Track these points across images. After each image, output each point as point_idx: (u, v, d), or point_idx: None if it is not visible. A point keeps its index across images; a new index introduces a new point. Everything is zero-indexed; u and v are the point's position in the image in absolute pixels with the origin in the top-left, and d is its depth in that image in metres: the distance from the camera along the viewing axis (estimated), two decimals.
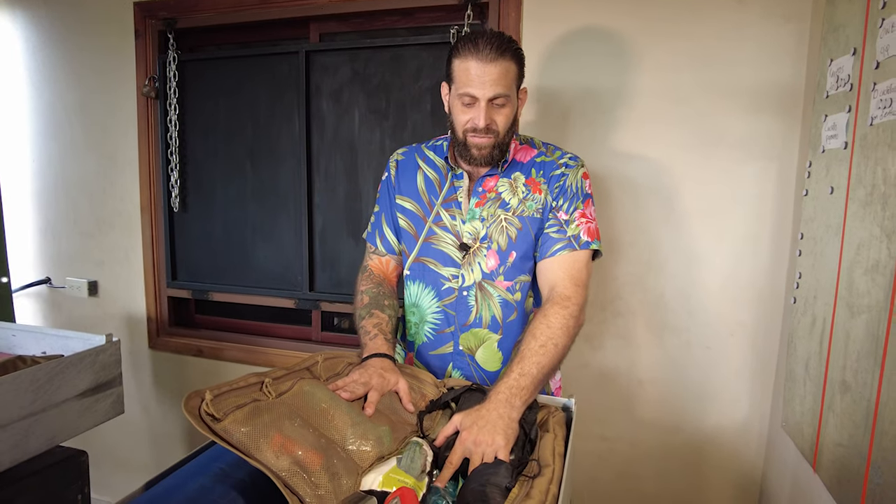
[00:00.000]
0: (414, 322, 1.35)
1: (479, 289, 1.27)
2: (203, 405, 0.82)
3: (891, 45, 1.02)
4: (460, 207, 1.29)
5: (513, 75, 1.18)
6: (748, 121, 1.57)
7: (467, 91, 1.16)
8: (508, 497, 0.79)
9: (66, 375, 1.46)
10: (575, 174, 1.27)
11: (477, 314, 1.27)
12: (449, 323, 1.30)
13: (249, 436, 0.79)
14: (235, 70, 2.09)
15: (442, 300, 1.30)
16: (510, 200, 1.27)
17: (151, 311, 2.32)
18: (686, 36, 1.59)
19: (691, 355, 1.69)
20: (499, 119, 1.19)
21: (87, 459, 1.57)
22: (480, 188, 1.28)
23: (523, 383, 1.04)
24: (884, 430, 0.96)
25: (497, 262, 1.26)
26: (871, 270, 1.04)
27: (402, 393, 1.09)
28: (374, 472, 0.85)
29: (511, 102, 1.20)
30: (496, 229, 1.26)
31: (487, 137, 1.19)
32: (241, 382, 0.94)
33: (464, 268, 1.27)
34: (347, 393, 1.01)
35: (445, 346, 1.30)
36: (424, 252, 1.32)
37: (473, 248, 1.27)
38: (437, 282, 1.30)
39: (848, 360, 1.12)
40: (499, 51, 1.13)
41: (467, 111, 1.19)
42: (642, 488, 1.78)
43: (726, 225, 1.62)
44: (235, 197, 2.16)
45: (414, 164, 1.37)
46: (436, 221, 1.31)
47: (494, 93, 1.15)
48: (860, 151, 1.13)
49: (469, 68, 1.15)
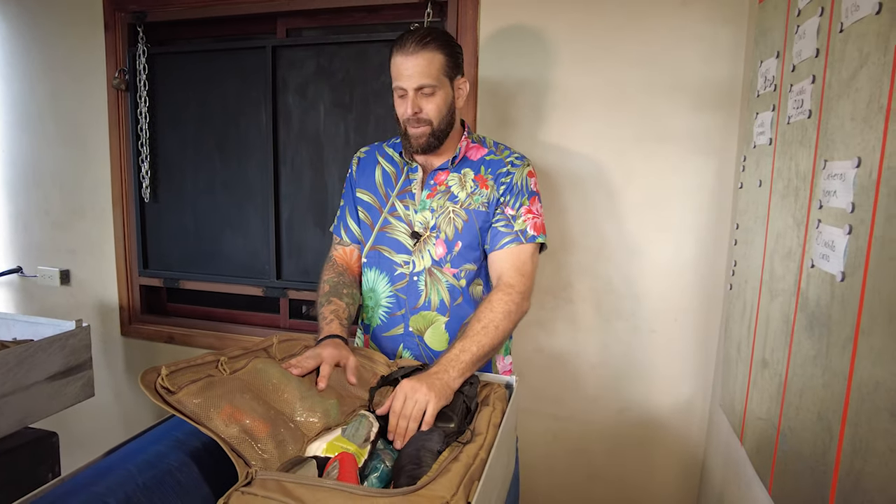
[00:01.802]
0: (370, 306, 1.43)
1: (429, 274, 1.35)
2: (159, 379, 0.89)
3: (803, 50, 1.11)
4: (414, 198, 1.37)
5: (438, 64, 1.26)
6: (690, 118, 1.66)
7: (397, 84, 1.27)
8: (437, 459, 0.87)
9: (36, 359, 1.51)
10: (521, 172, 1.35)
11: (426, 298, 1.36)
12: (400, 306, 1.37)
13: (201, 406, 0.86)
14: (204, 64, 2.13)
15: (394, 285, 1.38)
16: (458, 194, 1.35)
17: (123, 299, 2.36)
18: (632, 37, 1.68)
19: (638, 339, 1.79)
20: (428, 107, 1.28)
21: (57, 440, 1.63)
22: (432, 181, 1.37)
23: (463, 358, 1.13)
24: (790, 401, 1.05)
25: (445, 250, 1.34)
26: (786, 257, 1.13)
27: (348, 367, 1.14)
28: (320, 441, 0.92)
29: (441, 91, 1.28)
30: (444, 220, 1.34)
31: (421, 127, 1.29)
32: (197, 360, 1.00)
33: (414, 254, 1.36)
34: (298, 369, 1.06)
35: (397, 327, 1.38)
36: (379, 240, 1.40)
37: (424, 237, 1.35)
38: (390, 268, 1.38)
39: (767, 340, 1.21)
40: (420, 43, 1.23)
41: (401, 102, 1.29)
42: (593, 463, 1.88)
43: (669, 216, 1.72)
44: (205, 188, 2.21)
45: (373, 160, 1.45)
46: (391, 212, 1.39)
47: (418, 83, 1.25)
48: (780, 147, 1.22)
49: (397, 63, 1.26)
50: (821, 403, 0.91)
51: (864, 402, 0.77)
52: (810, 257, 0.98)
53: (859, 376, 0.79)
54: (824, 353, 0.90)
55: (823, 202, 0.94)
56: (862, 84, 0.84)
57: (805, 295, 1.00)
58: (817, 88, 1.02)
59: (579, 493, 1.91)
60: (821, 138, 0.98)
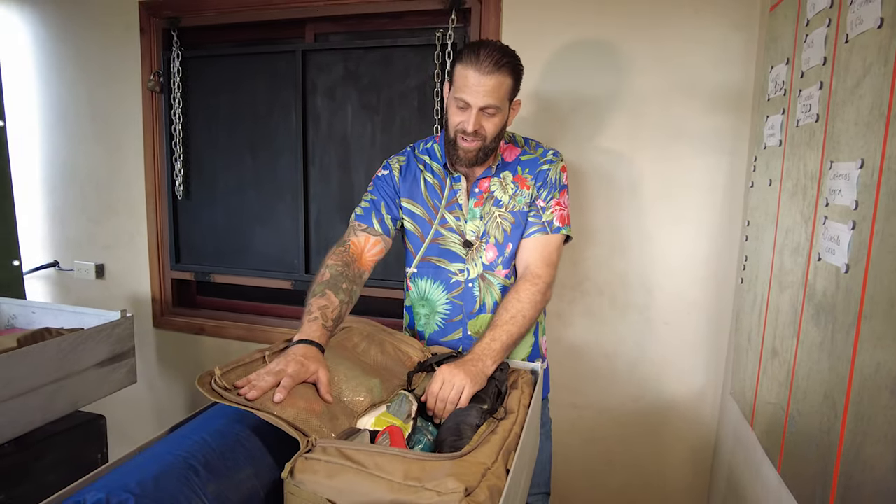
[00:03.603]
0: (424, 314, 1.49)
1: (482, 279, 1.43)
2: (214, 379, 0.96)
3: (811, 58, 1.18)
4: (461, 208, 1.43)
5: (506, 88, 1.28)
6: (704, 119, 1.74)
7: (462, 97, 1.27)
8: (477, 432, 0.96)
9: (87, 346, 1.61)
10: (556, 168, 1.43)
11: (481, 302, 1.44)
12: (458, 312, 1.45)
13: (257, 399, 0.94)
14: (236, 67, 2.23)
15: (450, 293, 1.45)
16: (502, 198, 1.42)
17: (156, 292, 2.47)
18: (647, 42, 1.76)
19: (652, 331, 1.87)
20: (487, 126, 1.30)
21: (105, 423, 1.73)
22: (477, 189, 1.43)
23: (494, 346, 1.22)
24: (798, 385, 1.14)
25: (496, 253, 1.42)
26: (794, 252, 1.21)
27: (320, 384, 1.04)
28: (368, 416, 1.02)
29: (501, 113, 1.30)
30: (493, 225, 1.41)
31: (474, 142, 1.31)
32: (245, 359, 1.07)
33: (468, 262, 1.43)
34: (255, 390, 0.95)
35: (455, 332, 1.46)
36: (431, 252, 1.46)
37: (476, 245, 1.42)
38: (446, 277, 1.45)
39: (777, 330, 1.29)
40: (497, 65, 1.24)
41: (460, 114, 1.30)
42: (609, 450, 1.97)
43: (683, 213, 1.80)
44: (236, 186, 2.31)
45: (415, 169, 1.47)
46: (442, 223, 1.44)
47: (486, 103, 1.26)
48: (790, 149, 1.29)
49: (468, 76, 1.25)
50: (826, 385, 0.99)
51: (866, 381, 0.85)
52: (817, 251, 1.06)
53: (861, 359, 0.87)
54: (829, 339, 0.99)
55: (829, 200, 1.02)
56: (865, 92, 0.92)
57: (812, 286, 1.09)
58: (824, 94, 1.10)
59: (596, 478, 2.00)
60: (827, 141, 1.06)
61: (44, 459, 1.55)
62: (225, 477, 0.83)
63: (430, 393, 1.12)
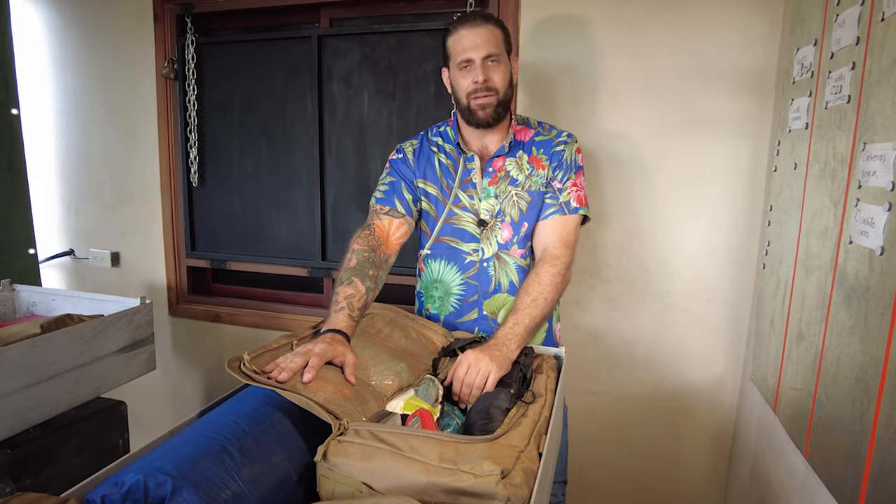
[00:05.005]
0: (438, 296, 1.49)
1: (497, 259, 1.43)
2: (242, 364, 0.96)
3: (842, 38, 1.17)
4: (475, 187, 1.43)
5: (500, 38, 1.35)
6: (725, 102, 1.72)
7: (464, 56, 1.33)
8: (508, 415, 0.96)
9: (108, 332, 1.62)
10: (570, 149, 1.44)
11: (496, 282, 1.43)
12: (473, 292, 1.45)
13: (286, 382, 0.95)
14: (251, 53, 2.22)
15: (465, 273, 1.45)
16: (518, 177, 1.42)
17: (171, 279, 2.47)
18: (668, 24, 1.73)
19: (671, 318, 1.86)
20: (495, 77, 1.34)
21: (126, 409, 1.74)
22: (491, 168, 1.43)
23: (517, 331, 1.22)
24: (826, 369, 1.13)
25: (511, 233, 1.42)
26: (822, 235, 1.20)
27: (347, 365, 1.04)
28: (397, 399, 1.02)
29: (504, 62, 1.35)
30: (508, 204, 1.41)
31: (489, 96, 1.34)
32: (273, 344, 1.08)
33: (482, 241, 1.43)
34: (286, 373, 0.95)
35: (471, 313, 1.46)
36: (445, 232, 1.46)
37: (490, 224, 1.42)
38: (459, 257, 1.45)
39: (803, 314, 1.28)
40: (483, 17, 1.34)
41: (467, 74, 1.34)
42: (627, 437, 1.97)
43: (704, 198, 1.78)
44: (251, 172, 2.30)
45: (428, 151, 1.49)
46: (455, 203, 1.45)
47: (487, 52, 1.32)
48: (817, 132, 1.28)
49: (462, 37, 1.33)
50: (859, 369, 0.98)
51: None
52: (848, 234, 1.05)
53: None
54: (863, 322, 0.98)
55: (862, 182, 1.01)
56: None
57: (843, 270, 1.07)
58: (857, 75, 1.08)
59: (614, 465, 2.00)
60: (860, 122, 1.05)
61: (69, 444, 1.57)
62: (258, 461, 0.83)
63: (455, 378, 1.12)
